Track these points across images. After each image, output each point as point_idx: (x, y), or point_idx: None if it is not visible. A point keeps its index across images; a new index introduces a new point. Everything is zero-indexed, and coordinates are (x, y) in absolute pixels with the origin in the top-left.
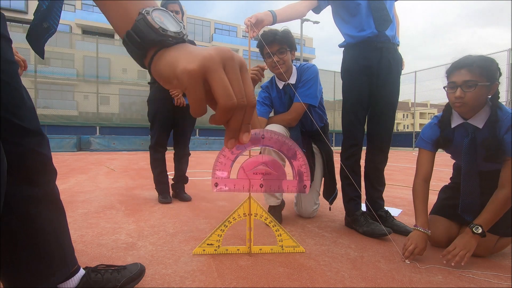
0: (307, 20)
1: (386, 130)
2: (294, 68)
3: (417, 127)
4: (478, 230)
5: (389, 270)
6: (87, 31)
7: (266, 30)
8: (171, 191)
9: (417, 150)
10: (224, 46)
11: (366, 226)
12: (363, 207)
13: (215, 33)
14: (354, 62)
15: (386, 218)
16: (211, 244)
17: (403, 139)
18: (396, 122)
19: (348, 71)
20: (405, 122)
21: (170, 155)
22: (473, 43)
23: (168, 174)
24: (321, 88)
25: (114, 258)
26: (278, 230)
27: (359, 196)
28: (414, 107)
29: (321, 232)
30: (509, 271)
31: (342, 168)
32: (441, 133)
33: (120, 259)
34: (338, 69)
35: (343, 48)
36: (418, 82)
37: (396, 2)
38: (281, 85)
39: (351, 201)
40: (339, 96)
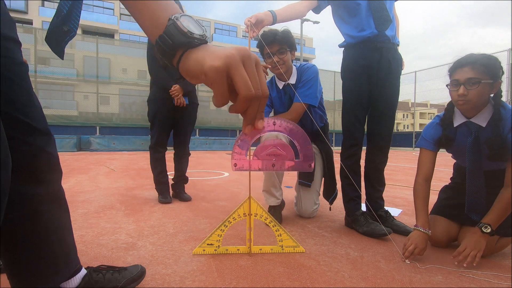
0: (307, 20)
1: (386, 130)
2: (294, 68)
3: (417, 127)
4: (487, 229)
5: (389, 270)
6: (87, 31)
7: (266, 30)
8: (171, 191)
9: (417, 150)
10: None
11: (366, 226)
12: (363, 207)
13: (215, 33)
14: (354, 62)
15: (386, 218)
16: (211, 244)
17: (403, 139)
18: (396, 122)
19: (348, 71)
20: (405, 122)
21: (170, 155)
22: (473, 43)
23: (168, 174)
24: (321, 88)
25: (114, 258)
26: (278, 230)
27: (359, 196)
28: (414, 107)
29: (321, 232)
30: (509, 271)
31: (342, 168)
32: (443, 132)
33: (120, 259)
34: (338, 69)
35: (343, 48)
36: (418, 82)
37: (396, 2)
38: (281, 85)
39: (351, 201)
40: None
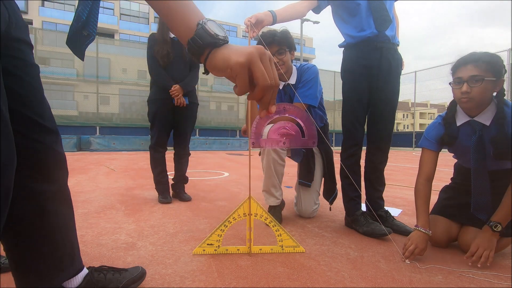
0: (307, 20)
1: (386, 130)
2: (294, 68)
3: (417, 127)
4: (497, 227)
5: (389, 270)
6: None
7: (264, 31)
8: (171, 191)
9: (417, 150)
10: None
11: (366, 226)
12: (363, 207)
13: None
14: (354, 62)
15: (386, 218)
16: (211, 244)
17: (403, 139)
18: (396, 122)
19: (348, 71)
20: (405, 122)
21: (170, 155)
22: (473, 43)
23: (168, 174)
24: (321, 88)
25: (114, 258)
26: (278, 230)
27: (359, 196)
28: (414, 107)
29: (321, 232)
30: (509, 271)
31: (342, 168)
32: (446, 130)
33: (120, 259)
34: (338, 69)
35: (343, 48)
36: (418, 82)
37: (396, 2)
38: (281, 85)
39: (351, 201)
40: (339, 96)
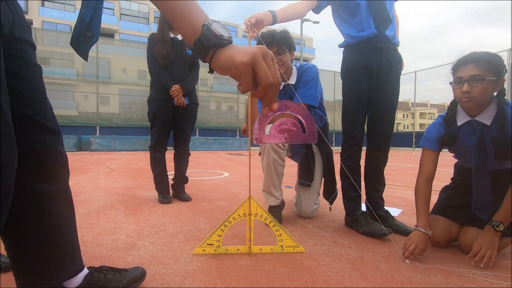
0: (307, 20)
1: (386, 130)
2: (294, 68)
3: (417, 127)
4: (500, 227)
5: (389, 270)
6: None
7: (264, 31)
8: (171, 191)
9: (417, 150)
10: None
11: (366, 226)
12: (363, 207)
13: None
14: (354, 62)
15: (386, 218)
16: (211, 244)
17: (403, 139)
18: (396, 122)
19: (348, 71)
20: (405, 122)
21: (170, 155)
22: (473, 43)
23: (168, 174)
24: (321, 88)
25: (114, 258)
26: (278, 230)
27: (359, 196)
28: (414, 107)
29: (321, 232)
30: (509, 271)
31: (342, 168)
32: (446, 130)
33: (120, 259)
34: (338, 69)
35: (343, 48)
36: (418, 82)
37: (396, 2)
38: (281, 85)
39: (351, 201)
40: (339, 96)
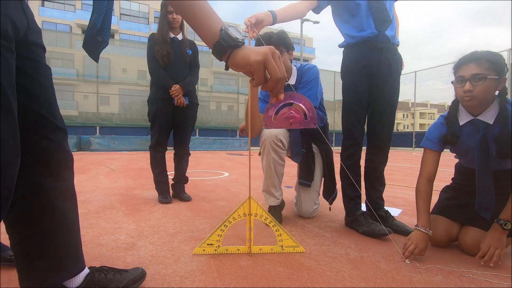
0: (307, 20)
1: (386, 130)
2: (294, 68)
3: (417, 127)
4: (508, 225)
5: (389, 270)
6: None
7: (261, 33)
8: (171, 191)
9: (417, 150)
10: None
11: (366, 226)
12: (363, 207)
13: None
14: (354, 62)
15: (386, 218)
16: (211, 244)
17: (403, 139)
18: (396, 122)
19: (348, 71)
20: (405, 122)
21: (170, 155)
22: (473, 43)
23: (168, 174)
24: (321, 88)
25: (114, 258)
26: (278, 230)
27: (359, 196)
28: (414, 107)
29: (321, 232)
30: (509, 271)
31: (342, 168)
32: (448, 129)
33: (120, 259)
34: (338, 69)
35: (343, 48)
36: (418, 82)
37: (396, 2)
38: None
39: (351, 201)
40: (339, 96)
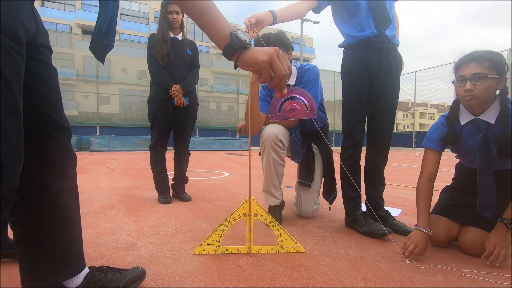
0: (307, 20)
1: (386, 130)
2: (294, 68)
3: (417, 127)
4: None
5: (389, 270)
6: (87, 31)
7: (259, 34)
8: (171, 191)
9: (417, 150)
10: None
11: (366, 226)
12: (363, 207)
13: None
14: (354, 62)
15: (386, 218)
16: (211, 244)
17: (403, 139)
18: (396, 122)
19: (348, 71)
20: (405, 122)
21: (170, 155)
22: (473, 43)
23: (168, 174)
24: (321, 88)
25: (114, 258)
26: (278, 230)
27: (359, 196)
28: (414, 107)
29: (321, 232)
30: (509, 271)
31: (342, 168)
32: (449, 129)
33: (120, 259)
34: (338, 69)
35: (343, 48)
36: (418, 82)
37: (396, 2)
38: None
39: (351, 201)
40: (339, 96)
